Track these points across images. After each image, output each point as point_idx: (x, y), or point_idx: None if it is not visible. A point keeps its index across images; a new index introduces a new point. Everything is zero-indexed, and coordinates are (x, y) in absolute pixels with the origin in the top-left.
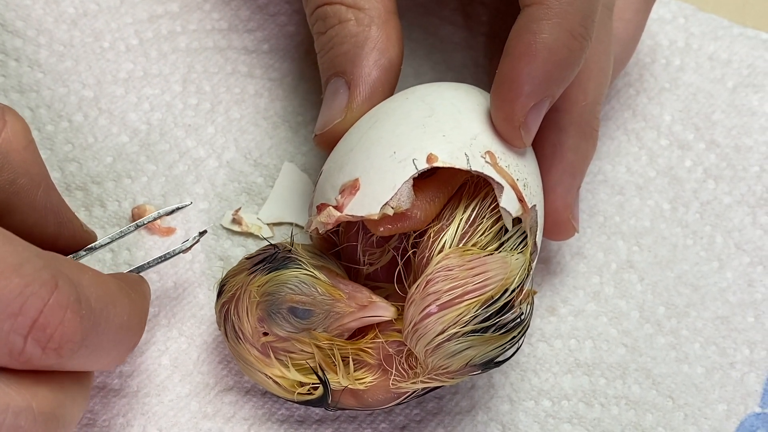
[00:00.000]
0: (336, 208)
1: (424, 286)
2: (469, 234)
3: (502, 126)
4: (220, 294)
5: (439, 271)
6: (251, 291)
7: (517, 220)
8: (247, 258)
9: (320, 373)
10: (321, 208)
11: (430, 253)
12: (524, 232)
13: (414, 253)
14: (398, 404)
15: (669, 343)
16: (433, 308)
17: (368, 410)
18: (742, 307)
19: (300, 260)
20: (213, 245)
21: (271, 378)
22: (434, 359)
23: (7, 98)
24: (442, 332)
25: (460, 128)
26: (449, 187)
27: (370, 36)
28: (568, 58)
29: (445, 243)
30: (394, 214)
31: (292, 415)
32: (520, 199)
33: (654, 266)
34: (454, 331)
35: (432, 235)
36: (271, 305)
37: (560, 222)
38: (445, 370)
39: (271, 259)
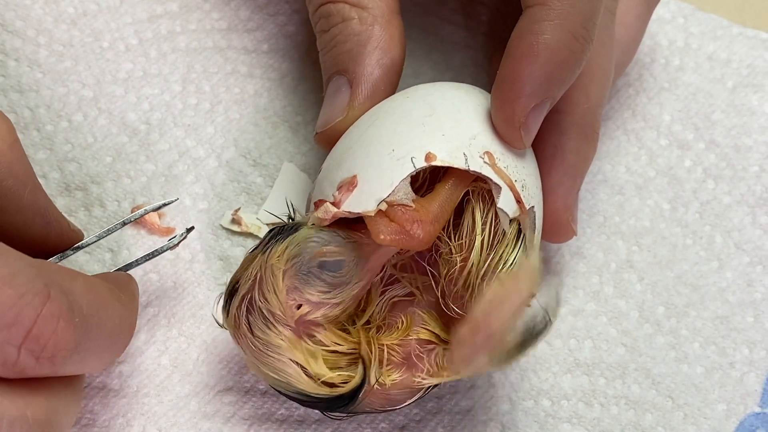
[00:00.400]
0: (333, 204)
1: (473, 330)
2: (492, 255)
3: (502, 126)
4: (234, 292)
5: (485, 310)
6: (273, 265)
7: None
8: (250, 253)
9: (364, 362)
10: (318, 204)
11: (460, 280)
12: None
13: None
14: (416, 400)
15: (668, 342)
16: (483, 346)
17: (386, 410)
18: (741, 307)
19: (308, 224)
20: (212, 245)
21: (300, 365)
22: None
23: (7, 98)
24: (489, 361)
25: (460, 128)
26: (451, 205)
27: (373, 35)
28: (569, 59)
29: (472, 266)
30: (400, 232)
31: (292, 414)
32: (518, 200)
33: (653, 266)
34: (498, 357)
35: (459, 262)
36: (301, 267)
37: (559, 224)
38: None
39: (280, 231)
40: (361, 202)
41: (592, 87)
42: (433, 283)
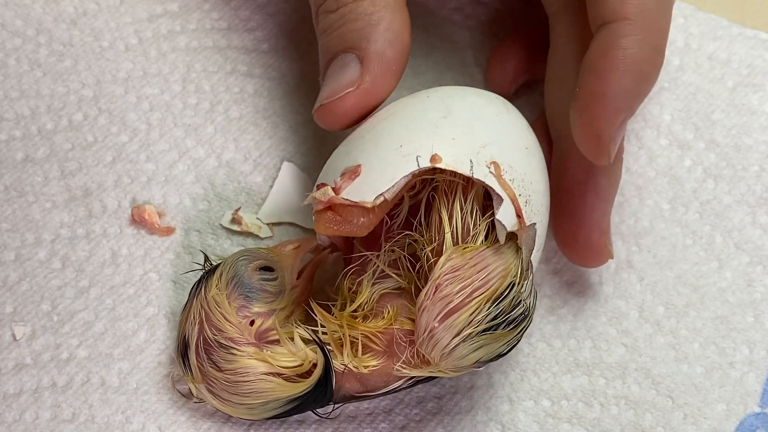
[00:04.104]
0: (334, 189)
1: (434, 292)
2: (467, 241)
3: (589, 143)
4: (186, 347)
5: (446, 274)
6: (213, 296)
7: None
8: (181, 313)
9: (319, 344)
10: (320, 187)
11: (431, 268)
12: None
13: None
14: (398, 389)
15: (668, 342)
16: (446, 312)
17: (365, 395)
18: (741, 307)
19: (223, 258)
20: (213, 245)
21: (272, 374)
22: (448, 362)
23: (7, 98)
24: (458, 335)
25: (472, 134)
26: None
27: (385, 17)
28: (652, 72)
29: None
30: (339, 217)
31: None
32: (518, 215)
33: (653, 266)
34: (469, 332)
35: (431, 255)
36: (242, 285)
37: (597, 248)
38: (454, 368)
39: (202, 277)
40: (360, 192)
41: None
42: (416, 278)
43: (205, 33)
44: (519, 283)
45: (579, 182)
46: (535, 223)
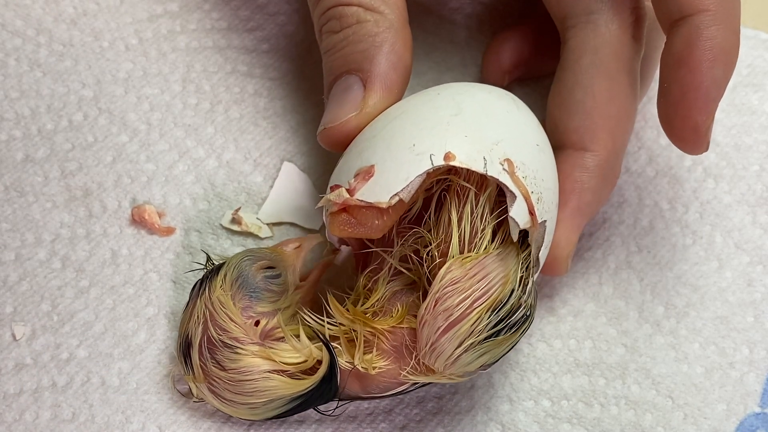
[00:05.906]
0: (348, 191)
1: (434, 305)
2: (474, 244)
3: (687, 137)
4: (189, 346)
5: (445, 287)
6: (218, 296)
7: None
8: (183, 312)
9: (324, 340)
10: (334, 188)
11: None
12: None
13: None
14: (401, 393)
15: (668, 342)
16: (447, 325)
17: (369, 397)
18: (741, 307)
19: (225, 258)
20: (213, 245)
21: (276, 371)
22: (453, 370)
23: (7, 98)
24: (460, 345)
25: (484, 131)
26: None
27: (389, 38)
28: (736, 56)
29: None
30: (353, 219)
31: None
32: (531, 213)
33: (653, 266)
34: (471, 341)
35: (437, 255)
36: (247, 285)
37: (557, 258)
38: (460, 374)
39: (205, 276)
40: (374, 193)
41: (618, 130)
42: (428, 276)
43: (205, 33)
44: (519, 288)
45: (565, 191)
46: (545, 220)
